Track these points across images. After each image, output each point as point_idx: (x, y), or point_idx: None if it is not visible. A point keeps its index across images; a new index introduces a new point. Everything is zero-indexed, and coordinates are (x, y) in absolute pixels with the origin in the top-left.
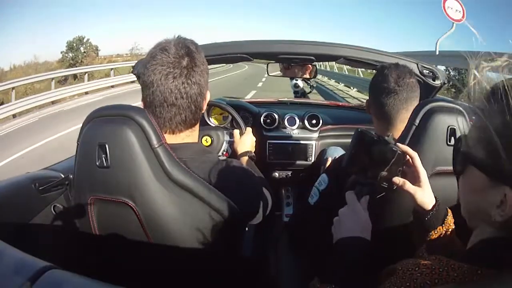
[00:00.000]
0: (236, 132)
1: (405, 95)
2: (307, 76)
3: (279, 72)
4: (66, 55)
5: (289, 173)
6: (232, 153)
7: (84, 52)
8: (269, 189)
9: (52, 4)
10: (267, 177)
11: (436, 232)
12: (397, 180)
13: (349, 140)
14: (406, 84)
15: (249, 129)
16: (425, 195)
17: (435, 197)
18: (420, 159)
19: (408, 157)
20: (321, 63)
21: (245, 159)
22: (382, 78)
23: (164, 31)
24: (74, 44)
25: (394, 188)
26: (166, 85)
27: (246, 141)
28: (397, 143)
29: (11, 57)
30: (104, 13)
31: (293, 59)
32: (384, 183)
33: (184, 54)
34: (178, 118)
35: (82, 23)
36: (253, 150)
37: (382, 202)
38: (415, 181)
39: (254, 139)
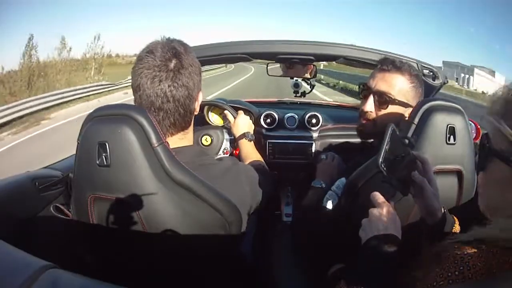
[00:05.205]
0: (230, 116)
1: None
2: (308, 75)
3: (281, 71)
4: None
5: (289, 173)
6: (233, 140)
7: None
8: (267, 173)
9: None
10: None
11: None
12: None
13: (349, 140)
14: None
15: (240, 112)
16: (434, 204)
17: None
18: None
19: (419, 162)
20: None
21: (243, 141)
22: None
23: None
24: None
25: (409, 193)
26: (152, 89)
27: (240, 123)
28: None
29: None
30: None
31: (292, 59)
32: (400, 186)
33: (171, 56)
34: (167, 122)
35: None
36: (251, 130)
37: None
38: (424, 188)
39: (248, 118)
